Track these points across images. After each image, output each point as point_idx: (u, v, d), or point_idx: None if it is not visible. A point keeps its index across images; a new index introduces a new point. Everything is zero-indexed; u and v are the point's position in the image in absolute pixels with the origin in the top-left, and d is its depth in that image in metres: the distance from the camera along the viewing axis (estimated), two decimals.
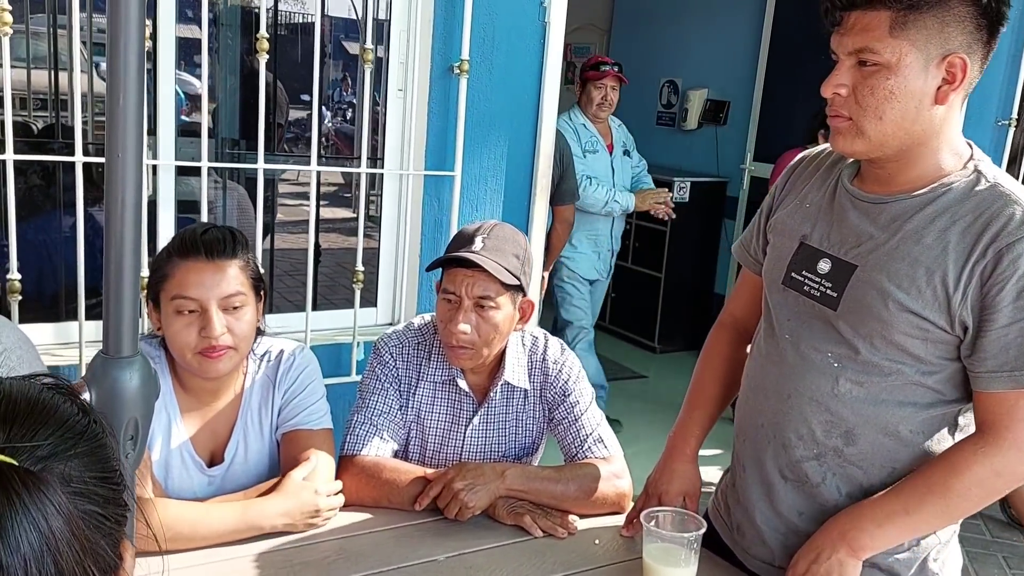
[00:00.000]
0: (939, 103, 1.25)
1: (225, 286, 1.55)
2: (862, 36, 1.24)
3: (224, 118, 3.34)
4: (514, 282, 1.65)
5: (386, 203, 2.84)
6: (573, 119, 4.05)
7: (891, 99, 1.24)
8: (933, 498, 1.28)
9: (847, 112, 1.28)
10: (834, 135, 1.32)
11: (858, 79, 1.26)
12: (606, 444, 1.77)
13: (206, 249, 1.55)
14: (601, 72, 4.01)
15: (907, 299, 1.27)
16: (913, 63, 1.22)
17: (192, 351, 1.54)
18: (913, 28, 1.21)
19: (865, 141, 1.28)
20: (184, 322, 1.53)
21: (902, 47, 1.22)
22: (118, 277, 0.96)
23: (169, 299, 1.54)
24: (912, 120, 1.25)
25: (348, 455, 1.71)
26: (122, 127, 0.89)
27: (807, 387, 1.38)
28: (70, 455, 0.62)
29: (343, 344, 2.77)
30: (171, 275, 1.54)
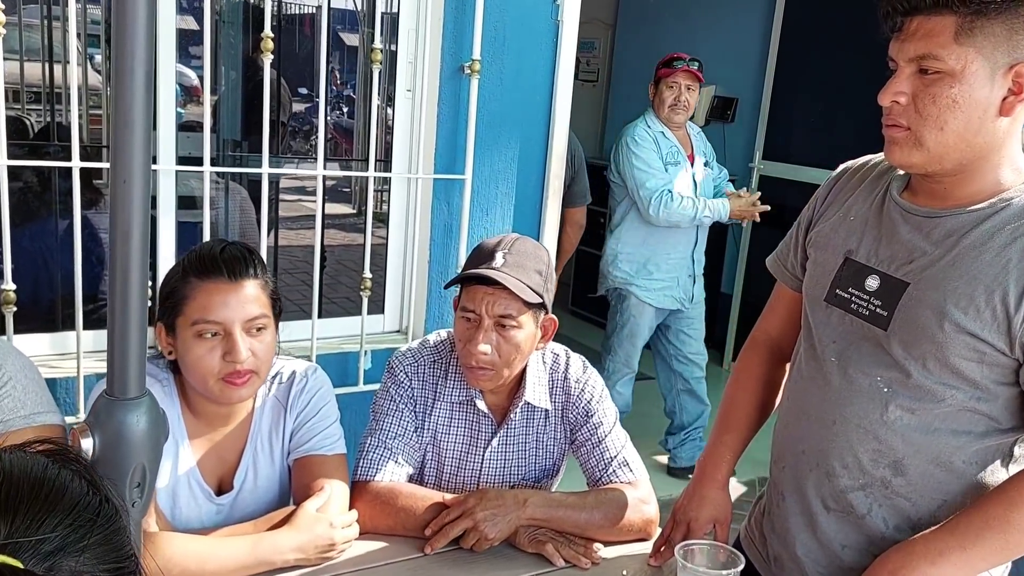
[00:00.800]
0: (1004, 115, 1.18)
1: (250, 308, 1.47)
2: (925, 42, 1.17)
3: (225, 116, 3.25)
4: (536, 300, 1.57)
5: (394, 206, 2.75)
6: (652, 126, 3.57)
7: (954, 108, 1.17)
8: (991, 533, 1.20)
9: (906, 121, 1.21)
10: (889, 145, 1.25)
11: (919, 87, 1.19)
12: (631, 468, 1.70)
13: (227, 269, 1.46)
14: (673, 69, 3.53)
15: (964, 319, 1.19)
16: (979, 71, 1.15)
17: (216, 377, 1.45)
18: (980, 35, 1.14)
19: (923, 153, 1.21)
20: (207, 347, 1.45)
21: (968, 54, 1.15)
22: (124, 312, 0.87)
23: (189, 324, 1.44)
24: (975, 132, 1.18)
25: (362, 481, 1.63)
26: (128, 151, 0.81)
27: (854, 413, 1.31)
28: (82, 547, 0.55)
29: (350, 353, 2.69)
30: (191, 297, 1.45)
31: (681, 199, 3.41)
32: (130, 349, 0.89)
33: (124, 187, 0.82)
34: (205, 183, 2.32)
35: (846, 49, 4.51)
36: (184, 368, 1.48)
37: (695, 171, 3.61)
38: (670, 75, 3.54)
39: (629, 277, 3.58)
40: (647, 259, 3.54)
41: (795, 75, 4.84)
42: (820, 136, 4.72)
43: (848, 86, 4.55)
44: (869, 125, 4.11)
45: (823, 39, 4.64)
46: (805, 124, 4.80)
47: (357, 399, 2.52)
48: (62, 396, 2.24)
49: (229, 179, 3.07)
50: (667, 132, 3.56)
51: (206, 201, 2.33)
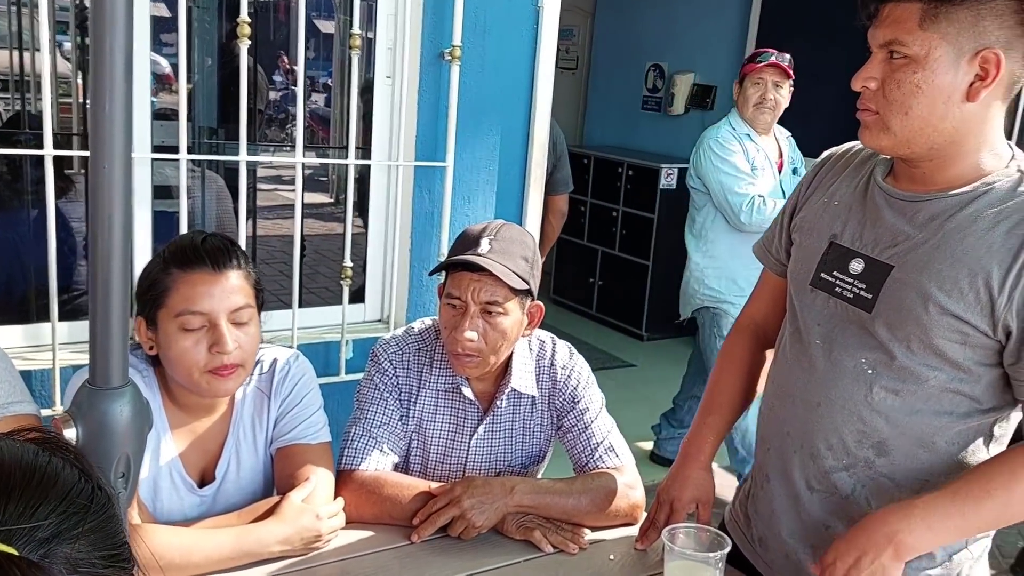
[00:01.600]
0: (971, 100, 1.19)
1: (235, 298, 1.44)
2: (892, 28, 1.20)
3: (201, 104, 3.21)
4: (523, 286, 1.56)
5: (374, 195, 2.73)
6: (737, 128, 3.26)
7: (917, 93, 1.19)
8: (991, 502, 1.21)
9: (875, 106, 1.24)
10: (862, 129, 1.28)
11: (887, 72, 1.22)
12: (618, 453, 1.70)
13: (211, 259, 1.43)
14: (758, 64, 3.19)
15: (948, 301, 1.21)
16: (942, 57, 1.17)
17: (201, 370, 1.42)
18: (945, 21, 1.16)
19: (891, 136, 1.23)
20: (192, 339, 1.42)
21: (932, 40, 1.17)
22: (105, 300, 0.86)
23: (173, 316, 1.41)
24: (940, 117, 1.20)
25: (347, 470, 1.62)
26: (108, 137, 0.79)
27: (839, 395, 1.32)
28: (76, 534, 0.54)
29: (331, 343, 2.67)
30: (173, 288, 1.42)
31: (775, 204, 3.11)
32: (112, 338, 0.87)
33: (104, 173, 0.80)
34: (181, 172, 2.29)
35: (823, 36, 4.52)
36: (167, 362, 1.45)
37: (782, 179, 3.33)
38: (755, 71, 3.20)
39: (720, 295, 3.32)
40: (736, 273, 3.23)
41: None
42: (798, 123, 4.73)
43: (825, 73, 4.56)
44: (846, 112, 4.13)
45: (800, 26, 4.65)
46: (784, 113, 4.81)
47: (339, 389, 2.51)
48: (37, 388, 2.21)
49: (205, 167, 3.03)
50: (753, 135, 3.26)
51: (183, 190, 2.30)
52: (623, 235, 5.60)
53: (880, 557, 1.23)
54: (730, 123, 3.27)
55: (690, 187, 3.38)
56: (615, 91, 6.21)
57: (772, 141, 3.33)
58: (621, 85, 6.13)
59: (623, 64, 6.08)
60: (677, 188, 5.33)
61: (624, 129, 6.13)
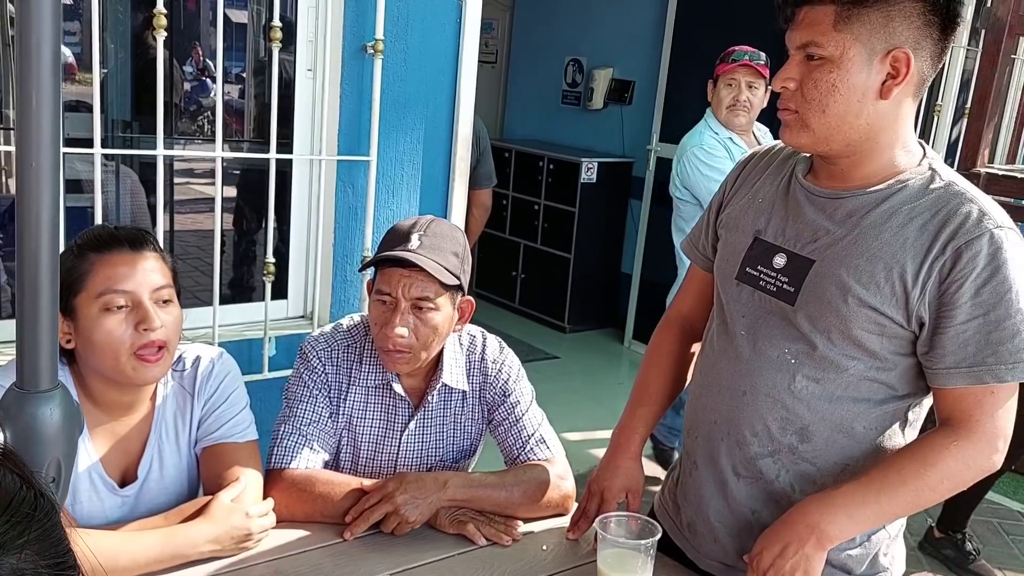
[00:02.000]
0: (883, 98, 1.25)
1: (155, 277, 1.42)
2: (808, 30, 1.25)
3: (114, 96, 3.10)
4: (454, 282, 1.57)
5: (296, 189, 2.69)
6: (718, 132, 3.17)
7: (833, 92, 1.25)
8: (906, 490, 1.28)
9: (794, 105, 1.29)
10: (783, 128, 1.33)
11: (805, 73, 1.27)
12: (548, 445, 1.72)
13: (128, 242, 1.42)
14: (731, 63, 3.11)
15: (866, 294, 1.26)
16: (855, 57, 1.23)
17: (128, 352, 1.39)
18: (857, 22, 1.22)
19: (810, 134, 1.29)
20: (117, 319, 1.38)
21: (845, 41, 1.23)
22: (33, 300, 0.83)
23: (94, 298, 1.38)
24: (856, 114, 1.26)
25: (277, 468, 1.60)
26: (35, 133, 0.77)
27: (763, 383, 1.37)
28: (21, 543, 0.52)
29: (253, 340, 2.62)
30: (92, 272, 1.39)
31: None
32: (41, 339, 0.85)
33: (32, 170, 0.78)
34: (96, 166, 2.21)
35: (738, 33, 4.63)
36: (89, 349, 1.41)
37: None
38: (728, 71, 3.11)
39: None
40: None
41: (689, 58, 4.96)
42: None
43: None
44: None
45: (716, 23, 4.76)
46: (699, 107, 4.92)
47: (262, 387, 2.46)
48: None
49: (120, 162, 2.93)
50: (735, 138, 3.17)
51: (97, 184, 2.22)
52: (545, 228, 5.65)
53: (804, 547, 1.29)
54: (710, 127, 3.20)
55: (675, 197, 3.29)
56: (535, 85, 6.25)
57: (752, 140, 3.27)
58: (541, 79, 6.17)
59: (542, 58, 6.13)
60: (597, 181, 5.40)
61: (544, 123, 6.18)
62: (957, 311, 1.23)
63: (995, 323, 1.22)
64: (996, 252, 1.21)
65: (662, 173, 5.13)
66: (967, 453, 1.27)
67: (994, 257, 1.21)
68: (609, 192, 5.50)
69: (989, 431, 1.26)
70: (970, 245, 1.21)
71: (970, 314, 1.22)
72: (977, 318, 1.22)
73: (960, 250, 1.22)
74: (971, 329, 1.23)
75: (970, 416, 1.26)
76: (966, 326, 1.23)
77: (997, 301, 1.21)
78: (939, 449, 1.27)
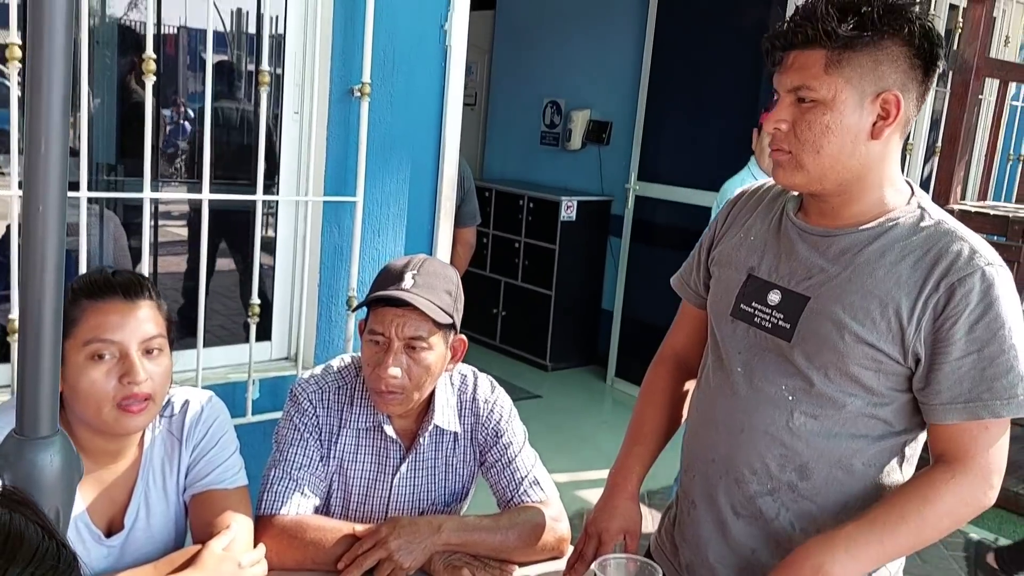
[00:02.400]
0: (875, 138, 1.28)
1: (146, 327, 1.40)
2: (800, 74, 1.28)
3: (99, 140, 3.09)
4: (447, 320, 1.57)
5: (281, 230, 2.68)
6: (759, 177, 3.02)
7: (827, 133, 1.27)
8: (907, 528, 1.28)
9: (787, 146, 1.31)
10: (775, 168, 1.35)
11: (797, 115, 1.29)
12: (543, 486, 1.71)
13: (122, 290, 1.40)
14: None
15: (862, 331, 1.28)
16: (848, 99, 1.26)
17: (111, 403, 1.37)
18: (847, 66, 1.25)
19: (804, 174, 1.31)
20: (102, 370, 1.37)
21: (837, 84, 1.26)
22: (36, 346, 0.82)
23: (81, 345, 1.36)
24: (849, 154, 1.28)
25: (267, 515, 1.57)
26: (43, 178, 0.76)
27: (761, 420, 1.37)
28: None
29: (237, 383, 2.59)
30: (82, 319, 1.37)
31: None
32: (42, 384, 0.84)
33: (39, 215, 0.77)
34: (82, 209, 2.20)
35: (712, 75, 4.73)
36: (74, 396, 1.39)
37: None
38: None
39: None
40: None
41: (665, 100, 5.03)
42: (689, 158, 4.93)
43: (714, 111, 4.78)
44: (733, 148, 4.30)
45: (691, 66, 4.84)
46: (676, 146, 5.00)
47: (247, 431, 2.42)
48: None
49: (104, 205, 2.91)
50: None
51: (82, 228, 2.21)
52: (525, 266, 5.66)
53: None
54: (752, 173, 3.18)
55: None
56: (514, 126, 6.31)
57: None
58: (520, 120, 6.23)
59: (521, 100, 6.19)
60: (576, 220, 5.44)
61: (523, 163, 6.23)
62: (952, 347, 1.24)
63: (989, 359, 1.24)
64: (988, 289, 1.23)
65: (641, 211, 5.18)
66: (965, 491, 1.27)
67: (986, 294, 1.23)
68: (589, 229, 5.54)
69: (984, 467, 1.27)
70: (963, 282, 1.23)
71: (965, 350, 1.24)
72: (972, 354, 1.24)
73: (953, 287, 1.24)
74: (966, 365, 1.24)
75: (965, 452, 1.27)
76: (961, 362, 1.24)
77: (991, 337, 1.23)
78: (938, 486, 1.28)
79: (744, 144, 3.34)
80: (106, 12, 3.09)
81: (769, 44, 1.32)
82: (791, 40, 1.28)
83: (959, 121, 4.04)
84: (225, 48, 4.72)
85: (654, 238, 5.12)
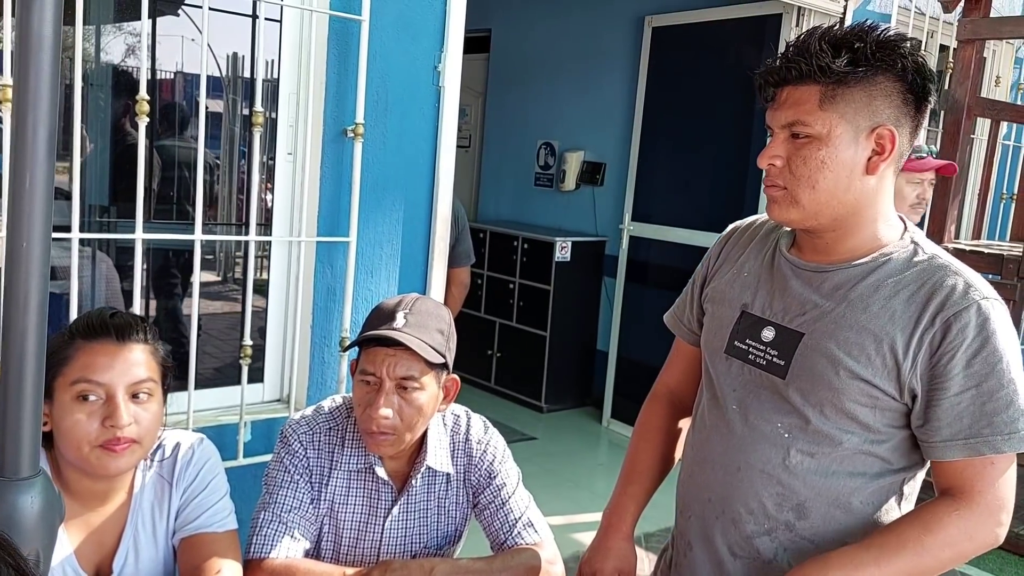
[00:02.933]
0: (870, 173, 1.28)
1: (136, 371, 1.39)
2: (794, 110, 1.28)
3: (92, 182, 3.10)
4: (440, 360, 1.55)
5: (274, 271, 2.68)
6: None
7: (823, 168, 1.27)
8: (906, 554, 1.25)
9: (782, 182, 1.31)
10: (770, 204, 1.34)
11: (792, 151, 1.29)
12: (536, 528, 1.68)
13: (116, 331, 1.39)
14: (919, 160, 2.87)
15: (857, 367, 1.27)
16: (843, 134, 1.26)
17: (92, 444, 1.35)
18: (842, 102, 1.25)
19: (800, 210, 1.30)
20: (87, 411, 1.35)
21: (831, 119, 1.26)
22: (18, 385, 0.81)
23: (69, 384, 1.36)
24: (844, 189, 1.28)
25: (256, 559, 1.55)
26: (28, 213, 0.76)
27: (757, 459, 1.35)
28: None
29: (228, 425, 2.57)
30: (73, 358, 1.37)
31: None
32: (24, 425, 0.82)
33: (23, 251, 0.76)
34: (73, 252, 2.19)
35: (705, 117, 4.78)
36: (59, 435, 1.37)
37: None
38: (918, 168, 2.88)
39: None
40: None
41: (658, 140, 5.07)
42: (683, 198, 4.96)
43: (707, 152, 4.82)
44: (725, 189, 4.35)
45: (683, 107, 4.89)
46: (669, 187, 5.03)
47: (238, 473, 2.40)
48: None
49: (96, 247, 2.91)
50: None
51: (74, 271, 2.20)
52: (520, 307, 5.65)
53: None
54: None
55: None
56: (508, 168, 6.34)
57: None
58: (514, 162, 6.27)
59: (515, 142, 6.24)
60: (571, 260, 5.44)
61: (518, 204, 6.26)
62: (950, 383, 1.23)
63: (988, 394, 1.22)
64: (984, 323, 1.22)
65: (635, 251, 5.19)
66: (969, 524, 1.25)
67: (983, 328, 1.22)
68: (583, 270, 5.54)
69: (991, 502, 1.25)
70: (959, 316, 1.23)
71: (963, 385, 1.23)
72: (970, 389, 1.23)
73: (949, 322, 1.23)
74: (965, 400, 1.23)
75: (972, 487, 1.26)
76: (960, 398, 1.23)
77: (989, 372, 1.22)
78: (940, 516, 1.26)
79: (737, 184, 3.39)
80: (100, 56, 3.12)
81: (762, 80, 1.32)
82: (784, 76, 1.28)
83: (951, 159, 4.08)
84: (221, 92, 4.76)
85: (649, 278, 5.12)
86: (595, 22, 5.59)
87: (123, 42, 3.31)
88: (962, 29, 4.05)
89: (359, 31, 2.48)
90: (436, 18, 2.67)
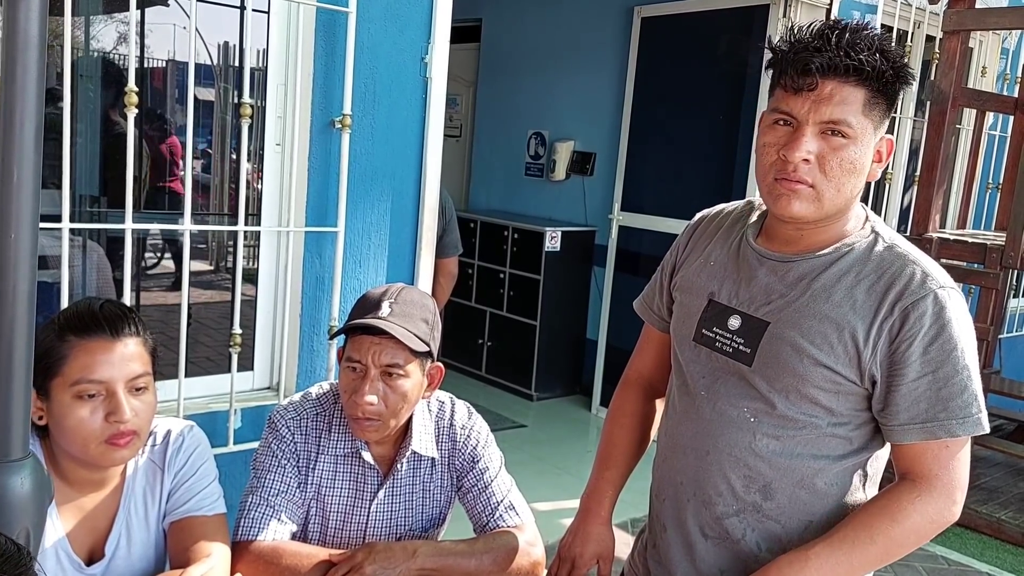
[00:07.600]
0: (870, 179, 1.33)
1: (132, 366, 1.42)
2: (841, 108, 1.25)
3: (82, 172, 3.12)
4: (424, 348, 1.59)
5: (263, 261, 2.71)
6: None
7: (853, 172, 1.28)
8: (875, 548, 1.31)
9: (811, 179, 1.27)
10: (788, 198, 1.29)
11: (825, 149, 1.26)
12: (518, 511, 1.72)
13: (109, 326, 1.41)
14: None
15: (820, 354, 1.31)
16: (870, 140, 1.28)
17: (98, 440, 1.38)
18: (876, 109, 1.27)
19: (818, 208, 1.30)
20: (89, 408, 1.38)
21: (868, 125, 1.27)
22: (7, 370, 0.84)
23: (68, 384, 1.37)
24: (856, 191, 1.32)
25: (244, 541, 1.58)
26: (16, 204, 0.79)
27: (725, 443, 1.39)
28: None
29: (218, 412, 2.60)
30: (70, 357, 1.38)
31: None
32: (13, 408, 0.86)
33: (11, 242, 0.80)
34: (64, 241, 2.22)
35: (693, 107, 4.81)
36: (61, 433, 1.40)
37: None
38: None
39: None
40: None
41: (648, 131, 5.10)
42: (671, 188, 4.99)
43: (694, 142, 4.85)
44: (714, 179, 4.40)
45: (672, 98, 4.92)
46: (658, 177, 5.06)
47: (228, 460, 2.44)
48: None
49: (86, 236, 2.93)
50: None
51: (64, 260, 2.23)
52: (510, 296, 5.69)
53: None
54: None
55: None
56: (498, 158, 6.37)
57: None
58: (504, 152, 6.29)
59: (505, 132, 6.26)
60: (561, 250, 5.48)
61: (508, 194, 6.29)
62: (908, 369, 1.27)
63: (944, 380, 1.27)
64: (940, 312, 1.26)
65: (624, 241, 5.23)
66: (930, 508, 1.30)
67: (939, 316, 1.26)
68: (573, 260, 5.58)
69: (947, 483, 1.30)
70: (916, 305, 1.27)
71: (920, 372, 1.27)
72: (927, 375, 1.27)
73: (907, 310, 1.27)
74: (922, 386, 1.27)
75: (928, 470, 1.30)
76: (917, 383, 1.27)
77: (944, 359, 1.26)
78: (904, 505, 1.31)
79: (726, 174, 3.43)
80: (90, 46, 3.13)
81: (801, 64, 1.23)
82: (835, 65, 1.22)
83: (937, 149, 4.12)
84: (212, 81, 4.77)
85: (638, 268, 5.16)
86: (585, 12, 5.60)
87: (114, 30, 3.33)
88: (948, 20, 4.09)
89: (346, 23, 2.50)
90: (423, 10, 2.69)
